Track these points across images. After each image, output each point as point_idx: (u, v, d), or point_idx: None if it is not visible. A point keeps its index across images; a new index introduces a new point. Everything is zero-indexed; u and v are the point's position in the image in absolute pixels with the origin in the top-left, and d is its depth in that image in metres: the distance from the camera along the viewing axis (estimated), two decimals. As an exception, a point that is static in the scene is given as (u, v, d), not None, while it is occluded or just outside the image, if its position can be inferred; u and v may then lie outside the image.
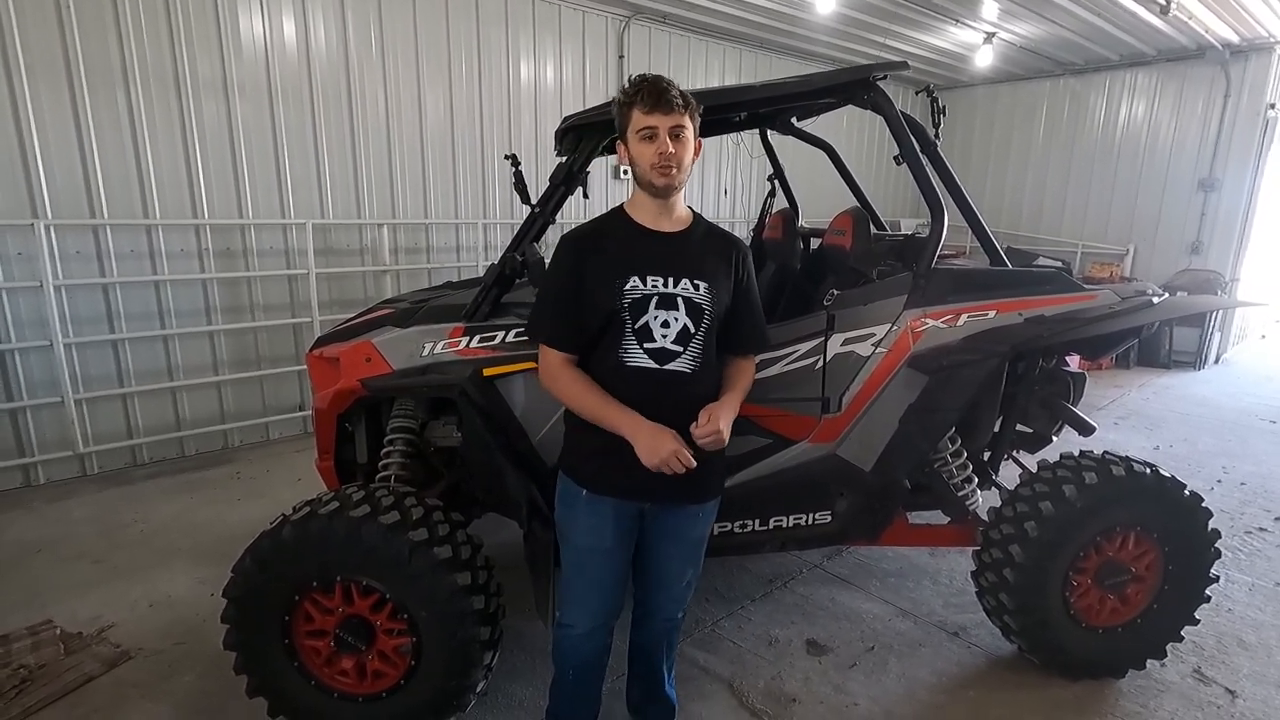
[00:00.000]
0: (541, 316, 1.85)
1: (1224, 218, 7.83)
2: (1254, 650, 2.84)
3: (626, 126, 1.75)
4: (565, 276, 1.80)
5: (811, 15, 6.55)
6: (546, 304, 1.84)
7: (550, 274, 1.86)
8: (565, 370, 1.81)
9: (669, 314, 1.77)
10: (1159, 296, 2.75)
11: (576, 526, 1.90)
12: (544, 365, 1.84)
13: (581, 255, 1.80)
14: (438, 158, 5.73)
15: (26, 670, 2.58)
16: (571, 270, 1.80)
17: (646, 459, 1.70)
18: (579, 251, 1.81)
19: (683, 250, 1.83)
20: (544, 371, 1.85)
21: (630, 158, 1.77)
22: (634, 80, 1.74)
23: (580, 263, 1.80)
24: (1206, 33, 6.89)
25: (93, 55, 4.14)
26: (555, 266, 1.83)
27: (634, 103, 1.72)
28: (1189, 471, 4.67)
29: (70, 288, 4.25)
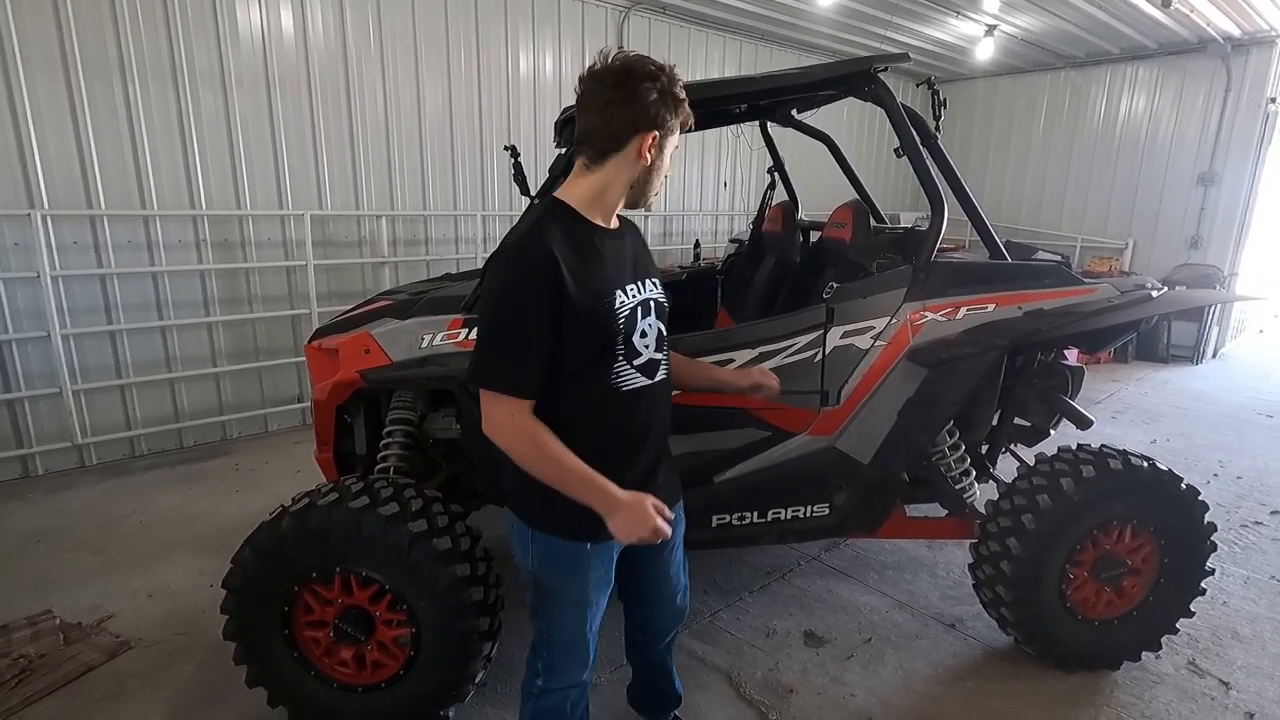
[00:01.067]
0: (501, 360, 1.41)
1: (1223, 212, 7.83)
2: (1248, 643, 2.86)
3: (669, 127, 1.47)
4: (536, 310, 1.39)
5: (812, 7, 6.52)
6: (508, 345, 1.40)
7: (510, 309, 1.40)
8: (540, 429, 1.43)
9: (646, 321, 1.56)
10: (1158, 291, 2.75)
11: (582, 583, 1.63)
12: (509, 422, 1.42)
13: (556, 280, 1.39)
14: (436, 149, 5.70)
15: (26, 660, 2.58)
16: (545, 302, 1.39)
17: (624, 536, 1.47)
18: (552, 277, 1.39)
19: (632, 247, 1.61)
20: (511, 429, 1.43)
21: (651, 162, 1.48)
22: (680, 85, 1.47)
23: (557, 291, 1.39)
24: (1208, 25, 6.87)
25: (89, 46, 4.12)
26: (520, 299, 1.39)
27: (683, 114, 1.48)
28: (1186, 465, 4.68)
29: (67, 278, 4.24)
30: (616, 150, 1.45)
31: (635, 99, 1.41)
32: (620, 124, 1.42)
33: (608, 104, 1.42)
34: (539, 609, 1.68)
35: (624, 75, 1.41)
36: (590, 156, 1.48)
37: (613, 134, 1.44)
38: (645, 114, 1.42)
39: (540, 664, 1.72)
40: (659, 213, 7.47)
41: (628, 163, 1.47)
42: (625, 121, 1.42)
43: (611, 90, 1.41)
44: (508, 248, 1.45)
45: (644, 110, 1.42)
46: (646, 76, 1.41)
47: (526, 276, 1.40)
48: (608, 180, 1.49)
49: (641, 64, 1.42)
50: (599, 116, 1.43)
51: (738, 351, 2.41)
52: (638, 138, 1.44)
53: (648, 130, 1.44)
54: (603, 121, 1.43)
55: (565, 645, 1.70)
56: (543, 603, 1.66)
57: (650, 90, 1.41)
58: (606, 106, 1.42)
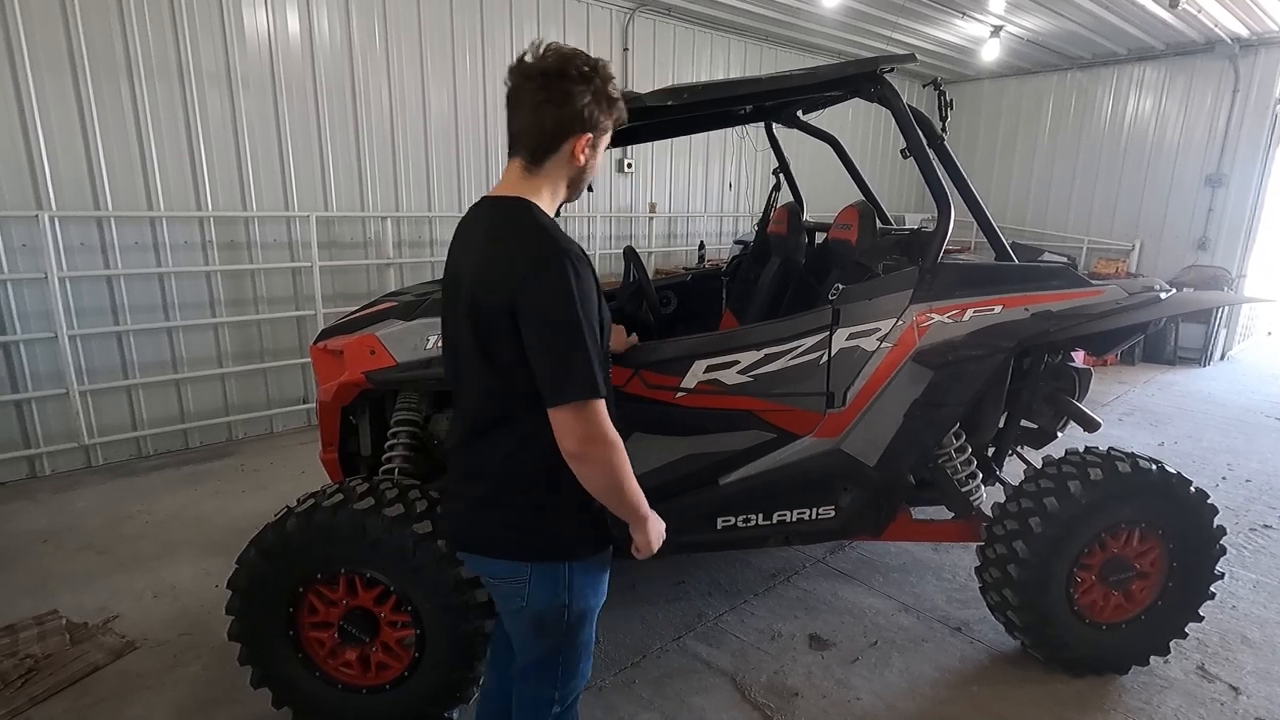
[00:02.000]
0: (589, 365, 1.30)
1: (1231, 214, 7.79)
2: (1258, 647, 2.83)
3: (606, 127, 1.44)
4: (595, 308, 1.36)
5: (816, 8, 6.51)
6: (589, 347, 1.31)
7: (578, 308, 1.30)
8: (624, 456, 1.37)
9: None
10: (1166, 292, 2.73)
11: (605, 588, 1.62)
12: (601, 429, 1.33)
13: (594, 276, 1.39)
14: (441, 151, 5.71)
15: (33, 660, 2.59)
16: (598, 299, 1.38)
17: (649, 548, 1.48)
18: (592, 272, 1.38)
19: None
20: (603, 437, 1.33)
21: (586, 161, 1.43)
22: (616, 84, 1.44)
23: (596, 287, 1.39)
24: (1215, 26, 6.84)
25: (96, 47, 4.14)
26: (584, 298, 1.32)
27: (615, 112, 1.44)
28: (1193, 468, 4.65)
29: (74, 280, 4.26)
30: (552, 153, 1.40)
31: (568, 100, 1.35)
32: (554, 126, 1.37)
33: (540, 105, 1.36)
34: (566, 639, 1.56)
35: (557, 74, 1.35)
36: (528, 158, 1.42)
37: (548, 136, 1.38)
38: (578, 116, 1.37)
39: (556, 693, 1.62)
40: (664, 214, 7.46)
41: (563, 163, 1.42)
42: (557, 124, 1.37)
43: (543, 90, 1.35)
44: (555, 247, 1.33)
45: (577, 112, 1.37)
46: (580, 78, 1.35)
47: (586, 276, 1.34)
48: (551, 182, 1.45)
49: (574, 62, 1.36)
50: (531, 115, 1.37)
51: (743, 353, 2.40)
52: (571, 140, 1.39)
53: (581, 133, 1.39)
54: (535, 122, 1.38)
55: (584, 654, 1.64)
56: (573, 629, 1.55)
57: (584, 92, 1.36)
58: (539, 107, 1.36)
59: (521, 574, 1.48)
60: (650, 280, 3.03)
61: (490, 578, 1.55)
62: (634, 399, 2.32)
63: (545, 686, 1.62)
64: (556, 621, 1.53)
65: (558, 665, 1.60)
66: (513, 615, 1.57)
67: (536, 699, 1.63)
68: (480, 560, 1.54)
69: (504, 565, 1.50)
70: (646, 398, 2.33)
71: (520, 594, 1.50)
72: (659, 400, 2.35)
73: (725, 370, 2.37)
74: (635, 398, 2.32)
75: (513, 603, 1.53)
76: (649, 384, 2.33)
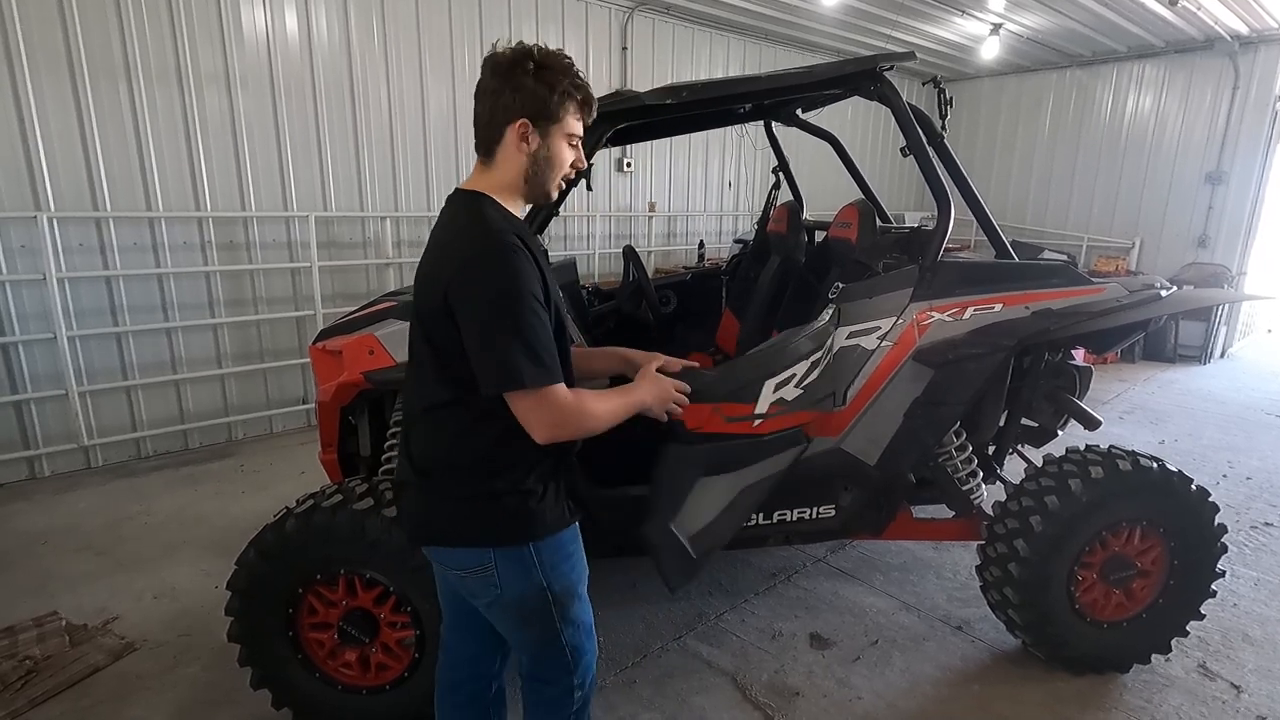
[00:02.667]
0: (539, 354, 1.32)
1: (1231, 211, 7.78)
2: (1260, 645, 2.83)
3: (558, 116, 1.40)
4: (542, 296, 1.37)
5: (816, 6, 6.51)
6: (539, 337, 1.33)
7: (513, 298, 1.31)
8: (581, 397, 1.41)
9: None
10: (1167, 290, 2.73)
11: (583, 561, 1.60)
12: (564, 408, 1.37)
13: (541, 266, 1.40)
14: (440, 150, 5.71)
15: (32, 661, 2.59)
16: (543, 287, 1.38)
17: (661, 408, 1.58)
18: (535, 262, 1.39)
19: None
20: (569, 414, 1.38)
21: (547, 154, 1.42)
22: (581, 77, 1.43)
23: (544, 278, 1.40)
24: (1215, 24, 6.83)
25: (94, 47, 4.13)
26: (520, 288, 1.32)
27: (577, 100, 1.42)
28: (1194, 466, 4.64)
29: (73, 280, 4.25)
30: (496, 142, 1.42)
31: (515, 89, 1.36)
32: (494, 114, 1.39)
33: (486, 93, 1.39)
34: (560, 619, 1.53)
35: (508, 65, 1.36)
36: (481, 152, 1.45)
37: (490, 124, 1.41)
38: (518, 103, 1.37)
39: (575, 678, 1.60)
40: (663, 213, 7.46)
41: (511, 154, 1.42)
42: (497, 111, 1.39)
43: (492, 79, 1.38)
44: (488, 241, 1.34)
45: (522, 99, 1.37)
46: (535, 66, 1.36)
47: (525, 265, 1.34)
48: (506, 175, 1.44)
49: (528, 53, 1.37)
50: (485, 109, 1.40)
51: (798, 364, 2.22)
52: (510, 127, 1.39)
53: (517, 119, 1.38)
54: (482, 111, 1.41)
55: (589, 634, 1.62)
56: (564, 608, 1.53)
57: (530, 78, 1.36)
58: (493, 96, 1.39)
59: (486, 560, 1.45)
60: (650, 279, 3.02)
61: (458, 571, 1.50)
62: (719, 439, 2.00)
63: (559, 675, 1.59)
64: (540, 605, 1.50)
65: (562, 650, 1.56)
66: (493, 609, 1.53)
67: (557, 692, 1.60)
68: (443, 552, 1.51)
69: (467, 554, 1.47)
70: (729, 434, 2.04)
71: (492, 582, 1.47)
72: (741, 434, 2.07)
73: (786, 386, 2.18)
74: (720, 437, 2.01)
75: (487, 594, 1.49)
76: (729, 417, 2.03)
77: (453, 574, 1.53)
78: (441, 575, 1.66)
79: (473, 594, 1.54)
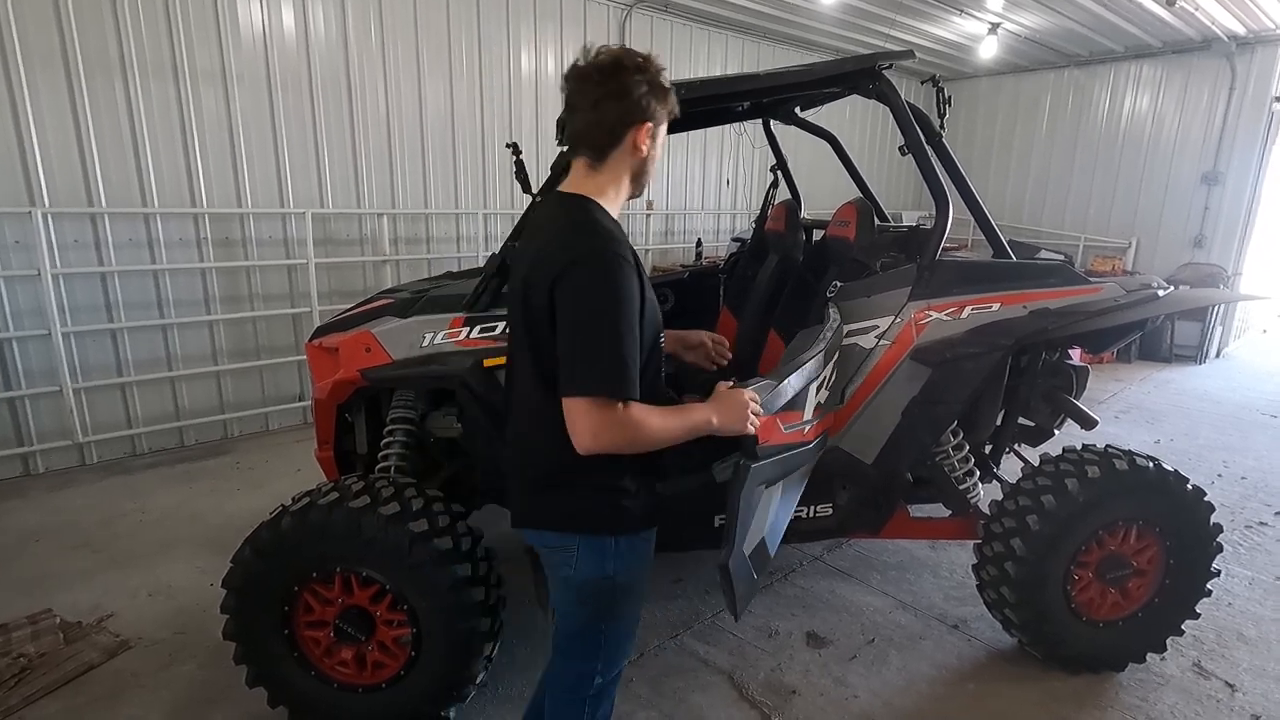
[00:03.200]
0: (624, 368, 1.33)
1: (1227, 212, 7.80)
2: (1254, 644, 2.84)
3: (659, 116, 1.46)
4: (634, 311, 1.36)
5: (815, 5, 6.51)
6: (627, 349, 1.34)
7: (609, 306, 1.33)
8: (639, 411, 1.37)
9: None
10: (1164, 290, 2.73)
11: (649, 568, 1.66)
12: (613, 423, 1.34)
13: (641, 278, 1.40)
14: (438, 147, 5.69)
15: (26, 659, 2.57)
16: (638, 302, 1.38)
17: (741, 426, 1.51)
18: (638, 273, 1.39)
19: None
20: (614, 430, 1.34)
21: (647, 151, 1.47)
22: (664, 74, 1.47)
23: (643, 292, 1.40)
24: (1212, 24, 6.85)
25: (90, 43, 4.11)
26: (619, 298, 1.33)
27: (669, 102, 1.47)
28: (1190, 465, 4.66)
29: (68, 276, 4.23)
30: (614, 146, 1.44)
31: (626, 92, 1.40)
32: (614, 119, 1.42)
33: (598, 101, 1.41)
34: (610, 611, 1.60)
35: (613, 69, 1.40)
36: (591, 156, 1.47)
37: (608, 129, 1.43)
38: (637, 106, 1.42)
39: (599, 665, 1.67)
40: (661, 211, 7.45)
41: (626, 156, 1.46)
42: (618, 117, 1.42)
43: (600, 86, 1.41)
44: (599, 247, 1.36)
45: (635, 102, 1.41)
46: (635, 69, 1.41)
47: (626, 278, 1.36)
48: (616, 177, 1.49)
49: (628, 56, 1.41)
50: (592, 114, 1.42)
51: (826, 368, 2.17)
52: (632, 130, 1.43)
53: (641, 122, 1.43)
54: (596, 119, 1.43)
55: (628, 633, 1.71)
56: (617, 602, 1.60)
57: (640, 82, 1.41)
58: (598, 104, 1.41)
59: (570, 544, 1.54)
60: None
61: (542, 546, 1.61)
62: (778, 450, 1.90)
63: (586, 659, 1.65)
64: (600, 592, 1.57)
65: (599, 636, 1.63)
66: (560, 583, 1.61)
67: (578, 672, 1.67)
68: (533, 532, 1.61)
69: (554, 536, 1.56)
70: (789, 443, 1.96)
71: (569, 562, 1.55)
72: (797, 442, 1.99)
73: (821, 390, 2.11)
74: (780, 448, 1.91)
75: (561, 570, 1.58)
76: (786, 426, 1.94)
77: (539, 547, 1.63)
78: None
79: (549, 567, 1.63)
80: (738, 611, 1.78)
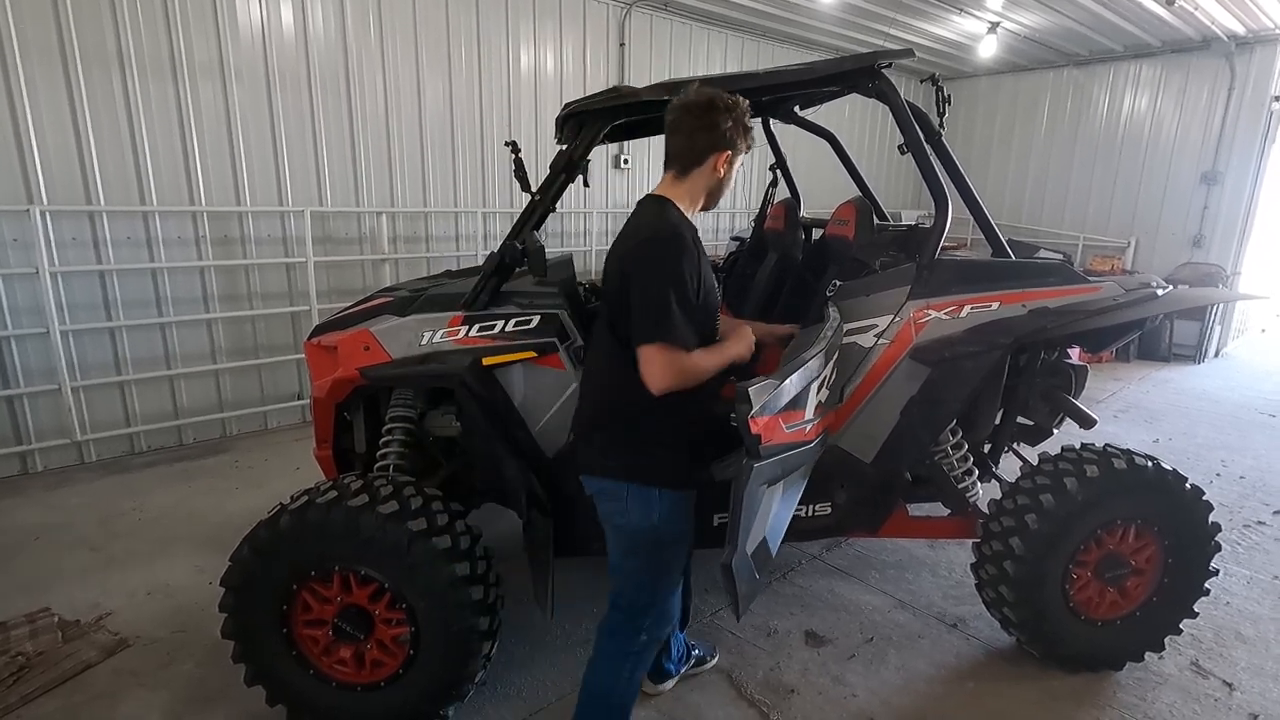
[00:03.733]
0: (675, 320, 1.68)
1: (1226, 211, 7.80)
2: (1252, 643, 2.84)
3: (738, 144, 1.81)
4: (691, 279, 1.72)
5: (814, 3, 6.50)
6: (677, 307, 1.69)
7: (670, 277, 1.70)
8: (689, 357, 1.73)
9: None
10: (1163, 289, 2.73)
11: (692, 524, 1.95)
12: (674, 364, 1.69)
13: (699, 257, 1.77)
14: (437, 145, 5.69)
15: (25, 658, 2.57)
16: (695, 274, 1.74)
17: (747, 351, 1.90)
18: (697, 253, 1.76)
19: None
20: (676, 370, 1.69)
21: (724, 173, 1.83)
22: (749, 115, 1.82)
23: (698, 265, 1.75)
24: (1212, 24, 6.84)
25: (88, 39, 4.10)
26: (679, 271, 1.70)
27: (749, 138, 1.84)
28: (1188, 465, 4.67)
29: (66, 274, 4.23)
30: (697, 165, 1.81)
31: (715, 126, 1.77)
32: (702, 146, 1.79)
33: (693, 130, 1.78)
34: (656, 562, 1.89)
35: (708, 107, 1.77)
36: (678, 170, 1.84)
37: (697, 153, 1.80)
38: (723, 138, 1.78)
39: (648, 620, 1.93)
40: (660, 210, 7.44)
41: (705, 175, 1.83)
42: (706, 144, 1.79)
43: (696, 119, 1.77)
44: (662, 230, 1.74)
45: (722, 135, 1.78)
46: (725, 108, 1.77)
47: (685, 253, 1.72)
48: (694, 189, 1.85)
49: (720, 98, 1.78)
50: (686, 140, 1.80)
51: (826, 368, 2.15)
52: (714, 156, 1.80)
53: (723, 150, 1.80)
54: (689, 144, 1.80)
55: (673, 587, 1.97)
56: (661, 554, 1.89)
57: (727, 119, 1.77)
58: (693, 133, 1.79)
59: (623, 493, 1.84)
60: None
61: (600, 495, 1.90)
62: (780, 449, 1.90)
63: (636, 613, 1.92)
64: (649, 542, 1.87)
65: (647, 588, 1.92)
66: (614, 531, 1.91)
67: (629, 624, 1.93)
68: (591, 480, 1.90)
69: (611, 484, 1.86)
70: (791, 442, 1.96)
71: (622, 511, 1.85)
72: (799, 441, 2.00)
73: (822, 389, 2.10)
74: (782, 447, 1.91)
75: (616, 518, 1.88)
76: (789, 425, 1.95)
77: (596, 497, 1.91)
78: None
79: (605, 516, 1.91)
80: (740, 611, 1.80)
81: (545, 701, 2.44)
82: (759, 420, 1.68)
